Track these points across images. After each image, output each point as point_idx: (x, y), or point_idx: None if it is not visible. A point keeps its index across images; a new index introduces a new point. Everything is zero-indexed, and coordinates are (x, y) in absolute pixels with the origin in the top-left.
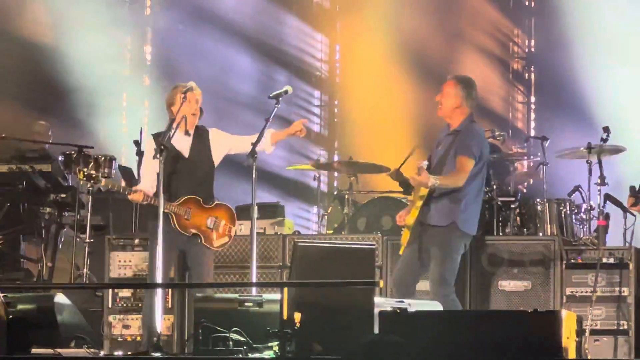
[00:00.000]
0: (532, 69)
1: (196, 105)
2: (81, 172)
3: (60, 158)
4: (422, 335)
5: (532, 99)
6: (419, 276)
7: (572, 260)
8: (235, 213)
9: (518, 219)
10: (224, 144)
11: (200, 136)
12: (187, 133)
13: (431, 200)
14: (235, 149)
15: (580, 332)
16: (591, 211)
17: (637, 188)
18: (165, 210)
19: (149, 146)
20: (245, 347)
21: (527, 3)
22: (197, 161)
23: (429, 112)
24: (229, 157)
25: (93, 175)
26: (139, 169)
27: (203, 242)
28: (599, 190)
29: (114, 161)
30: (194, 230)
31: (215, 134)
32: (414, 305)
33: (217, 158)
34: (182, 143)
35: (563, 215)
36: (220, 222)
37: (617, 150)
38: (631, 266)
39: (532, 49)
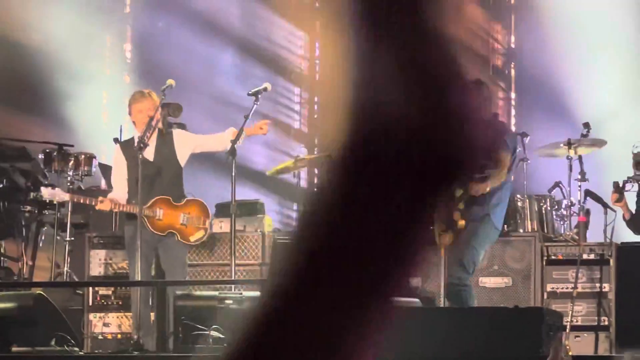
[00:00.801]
0: (512, 65)
1: (143, 114)
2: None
3: (40, 156)
4: (403, 332)
5: (513, 95)
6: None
7: (553, 257)
8: (207, 207)
9: None
10: (188, 144)
11: (164, 139)
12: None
13: (468, 199)
14: (200, 148)
15: (561, 328)
16: (572, 207)
17: (620, 184)
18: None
19: (116, 156)
20: (225, 345)
21: None
22: (163, 164)
23: None
24: (208, 155)
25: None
26: None
27: (179, 239)
28: (580, 186)
29: (93, 159)
30: (168, 230)
31: (178, 135)
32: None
33: (182, 158)
34: (146, 148)
35: (543, 212)
36: (192, 217)
37: (596, 143)
38: (612, 262)
39: (513, 45)
